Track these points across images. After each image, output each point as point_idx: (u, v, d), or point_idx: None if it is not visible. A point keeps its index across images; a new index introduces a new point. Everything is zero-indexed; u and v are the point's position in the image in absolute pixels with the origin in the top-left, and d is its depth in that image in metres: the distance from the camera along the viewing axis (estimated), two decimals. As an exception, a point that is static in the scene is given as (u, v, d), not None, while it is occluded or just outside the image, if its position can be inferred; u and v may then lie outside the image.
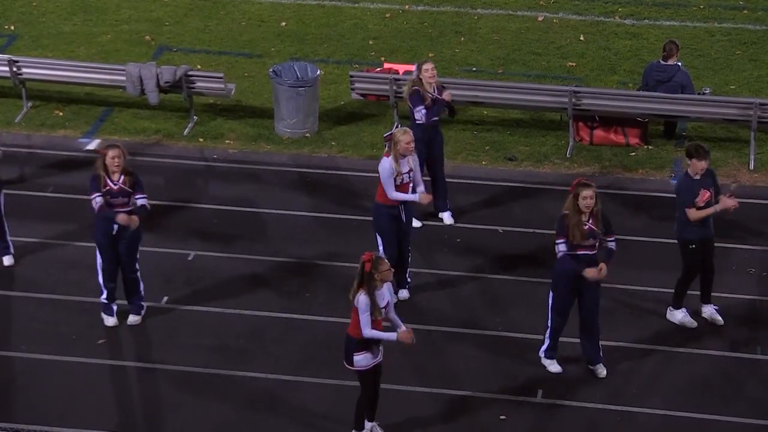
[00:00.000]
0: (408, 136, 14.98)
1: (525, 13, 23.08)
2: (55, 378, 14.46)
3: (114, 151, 14.56)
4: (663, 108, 19.25)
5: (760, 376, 14.58)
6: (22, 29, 22.63)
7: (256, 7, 23.46)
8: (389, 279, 12.83)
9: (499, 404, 14.10)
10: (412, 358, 14.81)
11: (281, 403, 14.07)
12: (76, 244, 16.84)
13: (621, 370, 14.60)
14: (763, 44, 22.00)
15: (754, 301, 15.82)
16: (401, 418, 13.91)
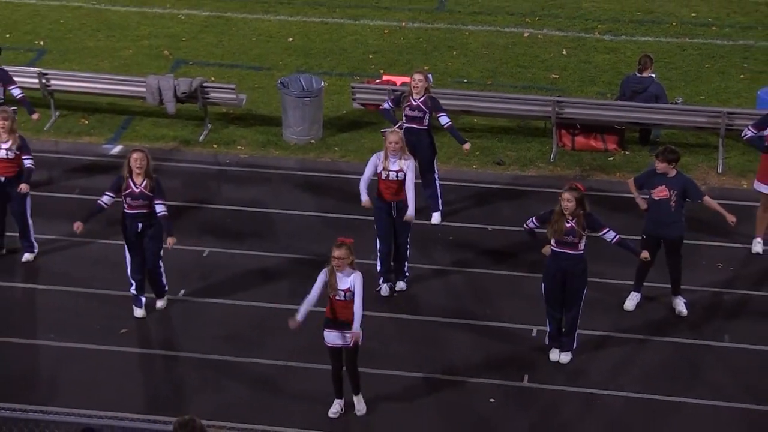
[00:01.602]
0: (394, 137, 15.08)
1: (512, 29, 23.10)
2: (81, 364, 14.48)
3: (137, 154, 14.57)
4: (639, 116, 19.28)
5: (727, 362, 14.60)
6: (50, 44, 22.65)
7: (265, 24, 23.47)
8: (336, 265, 12.76)
9: (488, 388, 14.11)
10: (410, 346, 14.84)
11: (287, 387, 14.08)
12: (99, 241, 16.86)
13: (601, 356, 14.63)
14: (730, 58, 22.02)
15: (722, 293, 15.85)
16: (398, 400, 13.93)
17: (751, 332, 15.06)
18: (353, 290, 12.87)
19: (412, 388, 14.13)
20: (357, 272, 12.96)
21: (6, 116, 15.72)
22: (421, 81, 16.87)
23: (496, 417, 13.73)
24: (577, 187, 14.01)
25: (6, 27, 23.16)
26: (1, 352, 14.77)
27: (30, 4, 24.05)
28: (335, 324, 13.11)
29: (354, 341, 13.05)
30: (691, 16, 23.51)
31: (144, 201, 14.61)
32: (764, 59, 21.61)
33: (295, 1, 24.29)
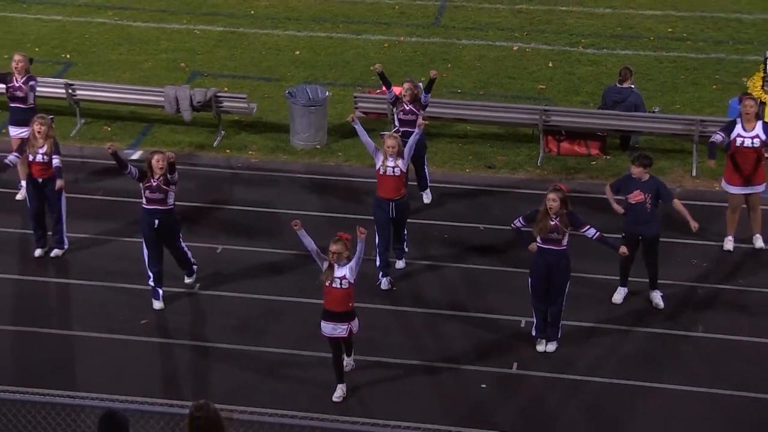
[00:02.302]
0: (392, 141, 15.26)
1: (502, 43, 23.12)
2: (105, 353, 14.50)
3: (158, 156, 14.71)
4: (619, 124, 19.30)
5: (701, 351, 14.61)
6: (76, 58, 22.66)
7: (274, 38, 23.49)
8: (332, 258, 12.95)
9: (480, 375, 14.13)
10: (407, 336, 14.85)
11: (292, 373, 14.12)
12: (122, 239, 16.88)
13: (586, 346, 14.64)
14: (704, 70, 22.03)
15: (696, 287, 15.86)
16: (397, 385, 13.94)
17: (724, 323, 15.07)
18: (350, 276, 13.02)
19: (409, 375, 14.14)
20: (352, 263, 13.11)
21: (43, 122, 15.74)
22: (410, 88, 17.06)
23: (488, 401, 13.74)
24: (561, 188, 14.08)
25: (36, 41, 23.18)
26: (31, 341, 14.80)
27: (57, 20, 24.05)
28: (330, 316, 13.21)
29: (348, 332, 13.24)
30: (667, 32, 23.51)
31: (161, 195, 14.72)
32: (734, 71, 21.62)
33: (301, 17, 24.30)
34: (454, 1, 24.98)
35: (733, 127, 15.93)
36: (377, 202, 15.49)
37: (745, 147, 15.83)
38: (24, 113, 17.00)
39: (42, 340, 14.80)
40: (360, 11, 24.53)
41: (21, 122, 16.99)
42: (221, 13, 24.51)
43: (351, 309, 13.28)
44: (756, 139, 15.77)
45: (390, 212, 15.38)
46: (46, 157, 15.79)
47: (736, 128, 15.89)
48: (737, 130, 15.85)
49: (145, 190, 14.79)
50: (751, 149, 15.82)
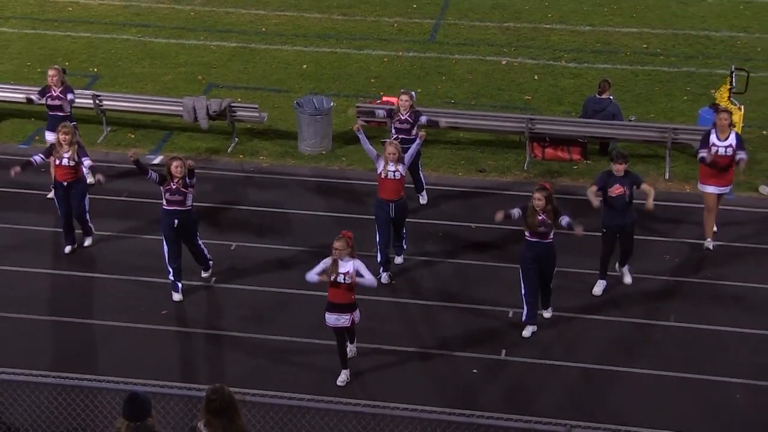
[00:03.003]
0: (392, 148, 15.26)
1: (492, 58, 23.13)
2: (128, 340, 14.52)
3: (177, 162, 14.75)
4: (599, 131, 19.32)
5: (672, 338, 14.64)
6: (103, 71, 22.68)
7: (283, 53, 23.51)
8: (335, 254, 12.96)
9: (471, 361, 14.14)
10: (404, 325, 14.86)
11: (300, 359, 14.15)
12: (144, 236, 16.89)
13: (568, 334, 14.65)
14: (676, 82, 22.04)
15: (669, 280, 15.88)
16: (394, 370, 13.96)
17: (693, 312, 15.10)
18: (353, 273, 13.01)
19: (406, 361, 14.16)
20: (357, 260, 13.12)
21: (67, 131, 15.76)
22: (407, 100, 17.04)
23: (478, 385, 13.76)
24: (545, 187, 14.12)
25: (66, 56, 23.20)
26: (60, 330, 14.81)
27: (86, 36, 24.06)
28: (334, 307, 13.26)
29: (351, 322, 13.30)
30: (642, 47, 23.52)
31: (180, 197, 14.74)
32: (704, 84, 21.63)
33: (308, 34, 24.31)
34: (447, 19, 24.99)
35: (709, 137, 15.97)
36: (378, 203, 15.51)
37: (719, 155, 15.90)
38: (60, 120, 17.00)
39: (72, 329, 14.82)
40: (361, 28, 24.54)
41: (56, 128, 16.99)
42: (235, 30, 24.51)
43: (353, 301, 13.30)
44: (729, 148, 15.85)
45: (390, 212, 15.41)
46: (71, 161, 15.82)
47: (711, 137, 15.93)
48: (712, 139, 15.89)
49: (165, 193, 14.80)
50: (725, 157, 15.90)
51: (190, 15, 25.23)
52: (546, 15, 25.01)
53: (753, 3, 25.39)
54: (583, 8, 25.31)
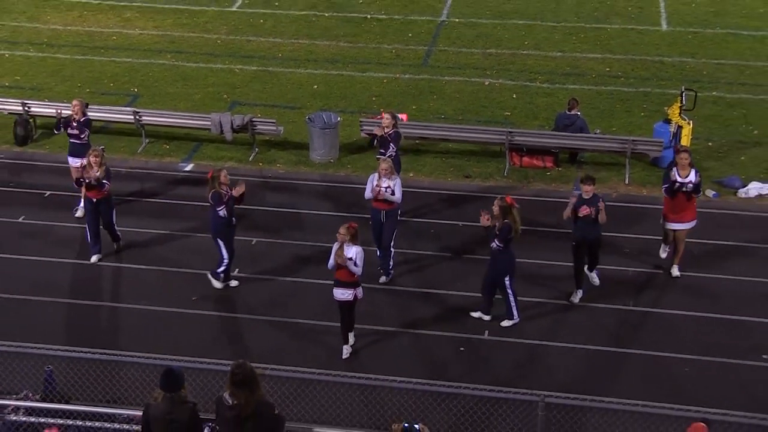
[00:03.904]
0: (385, 164, 15.07)
1: (476, 79, 23.11)
2: (164, 322, 14.56)
3: (225, 171, 14.84)
4: (568, 143, 19.31)
5: (630, 322, 14.65)
6: (142, 91, 22.69)
7: (297, 75, 23.50)
8: (339, 239, 13.22)
9: (458, 341, 14.16)
10: (398, 309, 14.86)
11: (311, 338, 14.16)
12: (176, 233, 16.91)
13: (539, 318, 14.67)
14: (634, 101, 22.03)
15: (628, 270, 15.89)
16: (390, 348, 13.97)
17: (649, 298, 15.13)
18: (354, 258, 13.18)
19: (400, 340, 14.18)
20: (359, 247, 13.29)
21: (97, 154, 15.54)
22: (388, 119, 16.59)
23: (465, 361, 13.78)
24: (505, 199, 14.07)
25: (110, 78, 23.21)
26: (109, 314, 14.83)
27: (128, 61, 24.07)
28: (339, 284, 13.44)
29: (354, 297, 13.45)
30: (605, 71, 23.52)
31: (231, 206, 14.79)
32: (658, 102, 21.62)
33: (318, 59, 24.30)
34: (438, 46, 24.99)
35: (670, 173, 15.27)
36: (373, 210, 15.40)
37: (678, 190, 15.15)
38: (80, 148, 16.83)
39: (117, 313, 14.84)
40: (364, 54, 24.54)
41: (78, 154, 16.80)
42: (255, 56, 24.50)
43: (356, 280, 13.41)
44: (690, 184, 15.03)
45: (381, 218, 15.22)
46: (99, 181, 15.48)
47: (672, 174, 15.10)
48: (674, 176, 15.07)
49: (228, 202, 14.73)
50: (685, 192, 15.19)
51: (217, 43, 25.23)
52: (523, 43, 25.01)
53: (699, 33, 25.42)
54: (554, 37, 25.31)
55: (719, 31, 25.47)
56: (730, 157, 19.63)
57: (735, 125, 20.89)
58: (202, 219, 17.05)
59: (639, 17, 26.48)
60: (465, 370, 13.47)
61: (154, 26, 26.17)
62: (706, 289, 15.36)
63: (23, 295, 15.19)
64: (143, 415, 9.82)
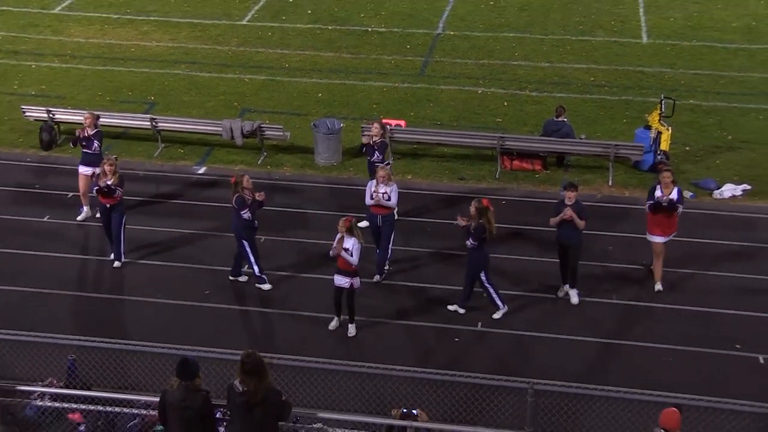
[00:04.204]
0: (382, 172, 15.06)
1: (470, 88, 23.08)
2: (180, 314, 14.54)
3: (248, 176, 14.84)
4: (556, 147, 19.29)
5: (613, 313, 14.65)
6: (158, 99, 22.68)
7: (303, 84, 23.48)
8: (340, 229, 13.50)
9: (452, 332, 14.16)
10: (395, 302, 14.85)
11: (314, 329, 14.15)
12: (190, 231, 16.90)
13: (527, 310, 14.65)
14: (617, 108, 22.01)
15: (610, 266, 15.89)
16: (387, 338, 13.97)
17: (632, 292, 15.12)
18: (350, 249, 13.42)
19: (397, 331, 14.17)
20: (357, 241, 13.47)
21: (111, 163, 15.39)
22: (377, 129, 16.57)
23: (460, 350, 13.79)
24: (482, 201, 14.06)
25: (129, 87, 23.18)
26: (127, 307, 14.83)
27: (145, 72, 24.04)
28: (339, 272, 13.67)
29: (350, 285, 13.59)
30: (590, 80, 23.50)
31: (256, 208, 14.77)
32: (639, 109, 21.59)
33: (323, 69, 24.29)
34: (434, 57, 24.96)
35: (654, 191, 14.80)
36: (369, 215, 15.38)
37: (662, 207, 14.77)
38: (90, 157, 16.75)
39: (133, 305, 14.85)
40: (365, 64, 24.51)
41: (88, 163, 16.73)
42: (264, 66, 24.48)
43: (354, 270, 13.56)
44: (672, 201, 14.61)
45: (378, 222, 15.23)
46: (112, 188, 15.33)
47: (656, 192, 14.74)
48: (657, 193, 14.71)
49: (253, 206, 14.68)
50: (667, 209, 14.67)
51: (228, 54, 25.20)
52: (513, 54, 24.99)
53: (677, 46, 25.40)
54: (542, 48, 25.29)
55: (695, 43, 25.45)
56: (706, 161, 19.62)
57: (710, 131, 20.88)
58: (214, 218, 17.08)
59: (621, 30, 26.47)
60: (460, 359, 13.46)
61: (169, 39, 26.14)
62: (684, 283, 15.36)
63: (48, 289, 15.20)
64: (160, 401, 9.82)
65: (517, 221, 17.09)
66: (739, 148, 20.13)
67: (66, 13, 27.87)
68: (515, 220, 17.08)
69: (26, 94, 22.57)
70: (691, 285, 15.33)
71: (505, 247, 16.17)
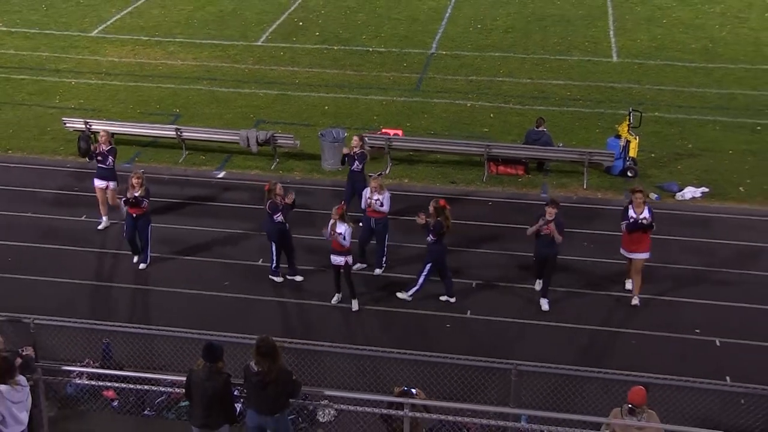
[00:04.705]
0: (374, 182, 14.98)
1: (460, 102, 23.07)
2: (203, 303, 14.50)
3: (280, 183, 14.77)
4: (536, 154, 19.26)
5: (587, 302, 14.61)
6: (182, 111, 22.65)
7: (311, 98, 23.46)
8: (333, 216, 13.77)
9: (444, 318, 14.13)
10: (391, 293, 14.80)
11: (321, 316, 14.10)
12: (211, 229, 16.85)
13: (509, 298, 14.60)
14: (591, 120, 22.00)
15: (587, 261, 15.85)
16: (390, 327, 13.92)
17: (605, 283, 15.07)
18: (343, 233, 13.65)
19: (398, 319, 14.13)
20: (347, 225, 13.68)
21: (138, 176, 14.99)
22: (356, 141, 16.35)
23: (450, 335, 13.76)
24: (438, 201, 14.02)
25: (156, 101, 23.15)
26: (155, 296, 14.79)
27: (171, 87, 24.01)
28: (335, 252, 13.89)
29: (345, 263, 13.84)
30: (567, 95, 23.49)
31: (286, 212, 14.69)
32: (611, 121, 21.56)
33: (329, 84, 24.26)
34: (428, 74, 24.94)
35: (627, 211, 14.15)
36: (365, 218, 15.30)
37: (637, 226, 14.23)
38: (104, 171, 16.34)
39: (160, 295, 14.81)
40: (367, 80, 24.48)
41: (102, 177, 16.37)
42: (276, 82, 24.46)
43: (347, 249, 13.79)
44: (644, 220, 14.04)
45: (372, 224, 15.16)
46: (139, 199, 15.03)
47: (629, 212, 14.10)
48: (630, 213, 14.08)
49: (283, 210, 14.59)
50: (641, 227, 14.08)
51: (245, 71, 25.17)
52: (499, 71, 24.96)
53: (643, 64, 25.36)
54: (524, 66, 25.27)
55: (660, 62, 25.44)
56: (669, 167, 19.60)
57: (673, 140, 20.86)
58: (232, 217, 17.06)
59: (594, 51, 26.45)
60: (451, 343, 13.44)
61: (193, 58, 26.10)
62: (650, 274, 15.31)
63: (86, 280, 15.17)
64: (186, 380, 9.83)
65: (502, 220, 17.09)
66: (698, 155, 20.12)
67: (102, 35, 27.83)
68: (500, 219, 17.09)
69: (66, 108, 22.53)
70: (657, 276, 15.31)
71: (490, 243, 16.16)
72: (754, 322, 14.12)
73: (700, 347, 13.50)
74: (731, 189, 18.57)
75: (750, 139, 20.85)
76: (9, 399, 9.32)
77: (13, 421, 9.43)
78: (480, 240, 16.46)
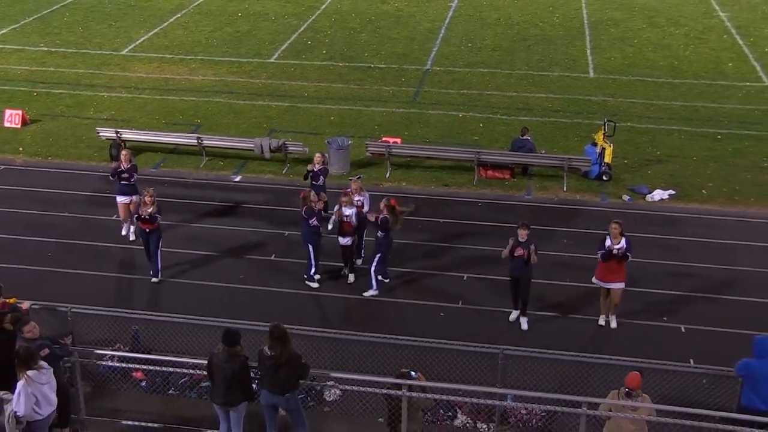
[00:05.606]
0: (355, 185, 14.78)
1: (453, 113, 23.00)
2: (222, 295, 14.48)
3: (313, 192, 14.45)
4: (521, 160, 19.23)
5: (568, 294, 14.58)
6: (203, 121, 22.63)
7: (319, 110, 23.45)
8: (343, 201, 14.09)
9: (438, 308, 14.11)
10: (395, 288, 14.79)
11: (329, 305, 14.06)
12: (228, 228, 16.81)
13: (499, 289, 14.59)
14: (570, 129, 21.98)
15: (564, 256, 15.83)
16: (391, 316, 13.90)
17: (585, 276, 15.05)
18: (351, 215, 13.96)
19: (397, 309, 14.10)
20: (353, 209, 13.98)
21: (151, 194, 14.57)
22: (319, 158, 15.91)
23: (444, 324, 13.74)
24: (389, 201, 13.94)
25: (180, 111, 23.12)
26: (177, 288, 14.77)
27: (193, 100, 24.00)
28: (343, 234, 14.09)
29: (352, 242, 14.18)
30: (549, 106, 23.47)
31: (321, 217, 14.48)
32: (588, 130, 21.55)
33: (335, 97, 24.24)
34: (424, 88, 24.93)
35: (604, 241, 13.17)
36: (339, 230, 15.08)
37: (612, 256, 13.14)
38: (127, 187, 15.98)
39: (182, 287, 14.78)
40: (369, 93, 24.48)
41: (125, 193, 16.02)
42: (287, 95, 24.44)
43: (353, 230, 14.04)
44: (620, 250, 13.05)
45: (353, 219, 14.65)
46: (152, 216, 14.56)
47: (606, 242, 13.12)
48: (607, 243, 13.10)
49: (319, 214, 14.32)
50: (616, 257, 13.14)
51: (259, 85, 25.17)
52: (487, 85, 24.95)
53: (617, 79, 25.33)
54: (510, 81, 25.27)
55: (632, 78, 25.45)
56: (640, 171, 19.59)
57: (643, 147, 20.85)
58: (248, 217, 17.03)
59: (573, 67, 26.46)
60: (445, 330, 13.42)
61: (212, 73, 26.09)
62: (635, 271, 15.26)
63: (116, 273, 15.16)
64: (208, 362, 9.87)
65: (490, 219, 17.08)
66: (665, 161, 20.13)
67: (131, 54, 27.83)
68: (488, 218, 17.08)
69: (99, 118, 22.53)
70: (629, 271, 15.26)
71: (480, 240, 16.14)
72: (716, 310, 14.12)
73: (666, 333, 13.50)
74: (695, 191, 18.57)
75: (711, 147, 20.87)
76: (37, 381, 9.40)
77: (45, 402, 9.51)
78: (470, 236, 16.45)
